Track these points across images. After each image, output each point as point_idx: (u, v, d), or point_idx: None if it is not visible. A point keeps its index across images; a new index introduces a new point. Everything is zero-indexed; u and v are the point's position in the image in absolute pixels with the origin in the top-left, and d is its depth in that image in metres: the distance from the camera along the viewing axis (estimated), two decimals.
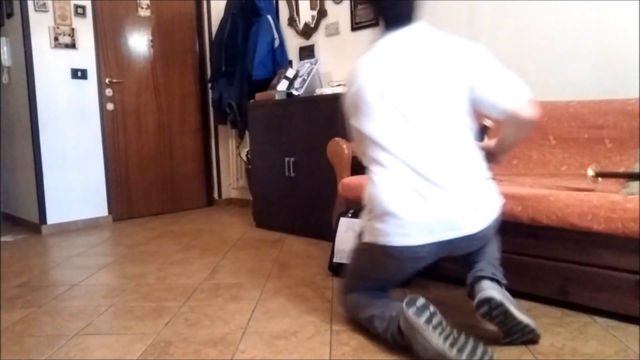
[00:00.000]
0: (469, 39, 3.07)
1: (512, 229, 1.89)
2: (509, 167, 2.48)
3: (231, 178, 4.58)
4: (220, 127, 4.55)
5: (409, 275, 1.75)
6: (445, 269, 1.99)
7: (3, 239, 3.55)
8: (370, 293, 1.64)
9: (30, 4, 3.56)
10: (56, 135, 3.73)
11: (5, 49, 3.92)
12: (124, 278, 2.47)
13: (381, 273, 1.61)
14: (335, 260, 2.34)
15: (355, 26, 3.40)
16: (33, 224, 3.78)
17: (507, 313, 1.43)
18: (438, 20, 3.08)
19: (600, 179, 1.85)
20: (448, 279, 2.09)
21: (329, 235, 2.51)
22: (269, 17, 3.80)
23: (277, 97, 3.36)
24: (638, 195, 1.64)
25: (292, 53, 3.87)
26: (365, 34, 3.34)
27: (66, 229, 3.74)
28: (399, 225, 1.45)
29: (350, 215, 2.37)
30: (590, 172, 1.87)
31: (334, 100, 3.00)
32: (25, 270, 2.68)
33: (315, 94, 3.24)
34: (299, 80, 3.42)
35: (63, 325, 1.86)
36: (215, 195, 4.69)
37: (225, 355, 1.55)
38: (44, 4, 3.61)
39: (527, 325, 1.47)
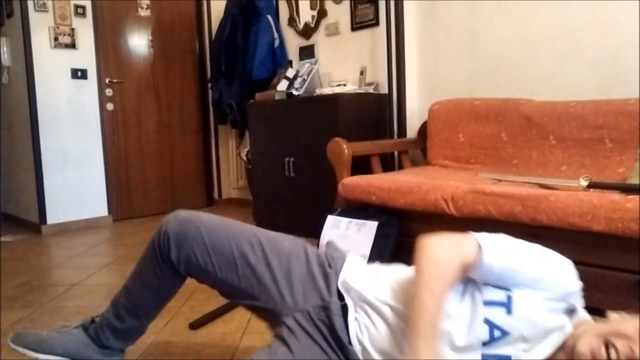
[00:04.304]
0: (469, 39, 3.08)
1: (512, 229, 1.89)
2: (509, 167, 2.48)
3: (231, 178, 4.58)
4: (220, 127, 4.55)
5: None
6: None
7: (3, 239, 3.55)
8: None
9: (30, 4, 3.56)
10: (56, 135, 3.73)
11: (5, 49, 3.91)
12: (123, 278, 2.44)
13: None
14: None
15: (355, 26, 3.40)
16: (33, 224, 3.78)
17: None
18: (438, 20, 3.10)
19: (592, 190, 1.83)
20: None
21: None
22: (269, 17, 3.79)
23: (277, 97, 3.36)
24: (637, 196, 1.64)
25: (292, 53, 3.86)
26: (365, 34, 3.34)
27: (66, 229, 3.73)
28: None
29: (337, 213, 2.40)
30: (583, 182, 1.85)
31: (334, 100, 3.01)
32: (25, 270, 2.68)
33: (315, 94, 3.24)
34: (299, 80, 3.42)
35: None
36: (215, 195, 4.68)
37: (225, 355, 1.55)
38: (44, 4, 3.61)
39: None
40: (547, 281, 0.95)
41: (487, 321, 0.92)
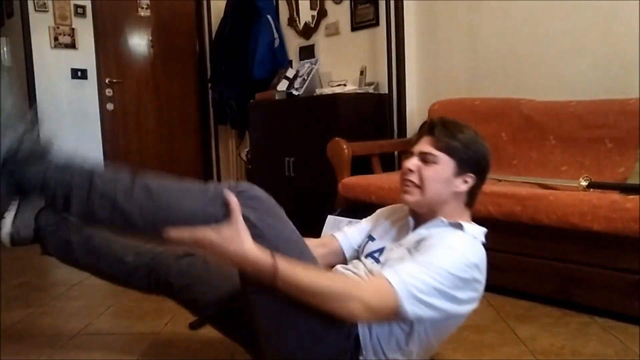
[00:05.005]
0: (469, 39, 3.07)
1: (512, 229, 1.89)
2: (509, 167, 2.48)
3: (231, 178, 4.57)
4: (220, 127, 4.55)
5: None
6: None
7: None
8: None
9: (30, 4, 3.56)
10: (56, 135, 3.72)
11: (5, 49, 3.91)
12: None
13: None
14: None
15: (355, 26, 3.40)
16: None
17: None
18: (438, 20, 3.10)
19: (592, 190, 1.83)
20: None
21: None
22: (269, 17, 3.79)
23: (277, 97, 3.36)
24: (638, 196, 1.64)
25: (292, 53, 3.86)
26: (365, 34, 3.34)
27: None
28: None
29: (337, 213, 2.39)
30: (583, 182, 1.85)
31: (334, 100, 3.00)
32: (25, 270, 2.68)
33: (315, 94, 3.24)
34: (299, 80, 3.42)
35: (63, 325, 1.85)
36: None
37: (225, 355, 1.55)
38: (44, 4, 3.61)
39: None
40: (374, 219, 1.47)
41: (368, 255, 1.30)
